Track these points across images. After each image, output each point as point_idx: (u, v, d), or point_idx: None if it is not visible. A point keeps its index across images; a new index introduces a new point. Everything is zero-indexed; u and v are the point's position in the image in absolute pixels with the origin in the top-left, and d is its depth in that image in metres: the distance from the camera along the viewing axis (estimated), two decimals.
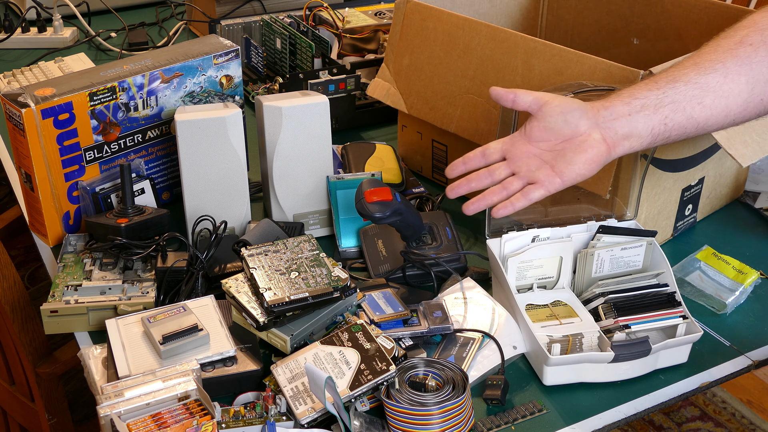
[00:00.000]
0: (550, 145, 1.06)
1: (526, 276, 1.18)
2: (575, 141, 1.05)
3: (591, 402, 1.06)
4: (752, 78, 1.04)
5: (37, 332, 1.51)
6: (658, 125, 1.04)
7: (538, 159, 1.07)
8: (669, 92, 1.04)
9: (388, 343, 1.04)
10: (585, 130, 1.04)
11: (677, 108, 1.03)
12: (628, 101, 1.04)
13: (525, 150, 1.07)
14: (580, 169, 1.05)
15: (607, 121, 1.04)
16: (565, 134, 1.05)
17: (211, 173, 1.29)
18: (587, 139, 1.04)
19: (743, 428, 2.23)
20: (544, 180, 1.06)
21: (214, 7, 2.11)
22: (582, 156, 1.04)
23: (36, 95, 1.26)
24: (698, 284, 1.24)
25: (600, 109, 1.05)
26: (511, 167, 1.08)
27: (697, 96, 1.04)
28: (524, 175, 1.07)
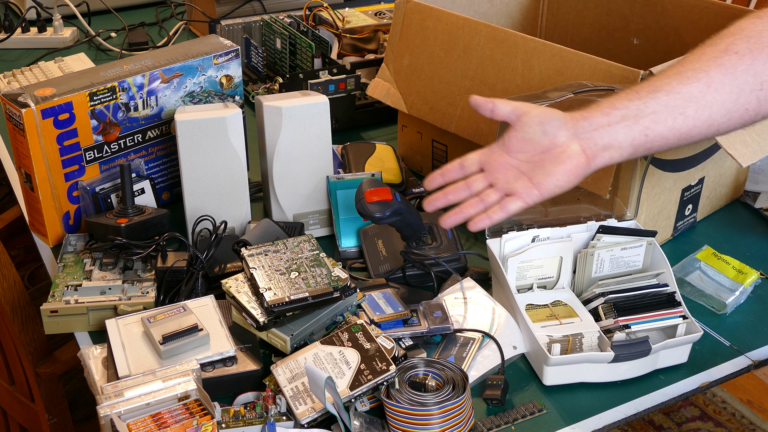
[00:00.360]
0: (528, 156, 1.04)
1: (526, 276, 1.18)
2: (553, 152, 1.03)
3: (591, 402, 1.06)
4: (736, 87, 1.01)
5: (37, 332, 1.51)
6: (638, 136, 1.02)
7: (516, 170, 1.05)
8: (650, 102, 1.01)
9: (388, 343, 1.04)
10: (563, 141, 1.03)
11: (658, 119, 1.01)
12: (608, 112, 1.02)
13: (503, 161, 1.06)
14: (558, 180, 1.03)
15: (586, 131, 1.02)
16: (544, 145, 1.03)
17: (211, 173, 1.29)
18: (566, 150, 1.02)
19: (743, 428, 2.23)
20: (521, 192, 1.05)
21: (214, 7, 2.11)
22: (560, 167, 1.03)
23: (36, 95, 1.26)
24: (698, 284, 1.24)
25: (579, 119, 1.03)
26: (489, 179, 1.07)
27: (679, 106, 1.01)
28: (502, 187, 1.06)
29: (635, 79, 1.15)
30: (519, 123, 1.04)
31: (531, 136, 1.04)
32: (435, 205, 1.09)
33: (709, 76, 1.01)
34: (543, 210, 1.23)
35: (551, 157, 1.03)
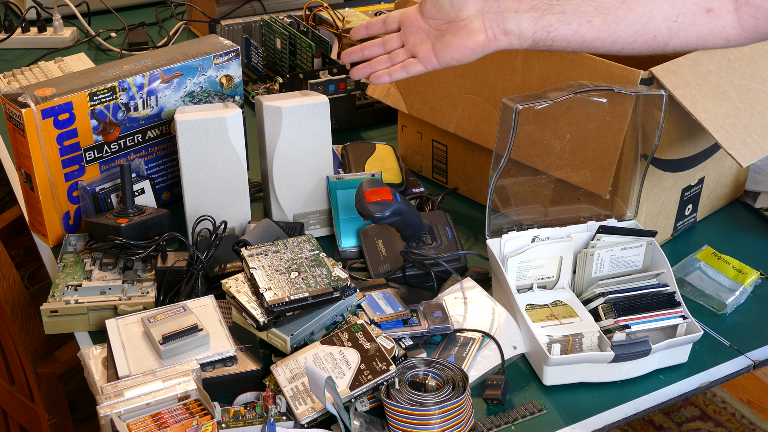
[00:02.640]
0: (437, 24, 1.07)
1: (526, 276, 1.18)
2: (457, 25, 1.05)
3: (591, 402, 1.06)
4: (649, 11, 1.00)
5: (37, 332, 1.51)
6: (541, 30, 1.02)
7: (424, 34, 1.08)
8: (562, 1, 1.02)
9: (388, 343, 1.04)
10: (468, 15, 1.04)
11: (565, 20, 1.02)
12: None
13: (416, 24, 1.09)
14: (455, 53, 1.05)
15: (492, 12, 1.04)
16: (450, 16, 1.05)
17: (211, 173, 1.29)
18: (468, 26, 1.04)
19: (743, 428, 2.23)
20: (422, 57, 1.08)
21: (214, 7, 2.11)
22: (459, 41, 1.05)
23: (36, 95, 1.26)
24: (698, 284, 1.24)
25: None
26: (402, 38, 1.10)
27: (588, 14, 1.01)
28: (409, 48, 1.09)
29: (635, 80, 1.15)
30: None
31: (441, 4, 1.06)
32: (351, 58, 1.13)
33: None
34: (543, 210, 1.23)
35: (454, 29, 1.05)
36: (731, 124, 1.18)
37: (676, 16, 1.00)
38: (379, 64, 1.11)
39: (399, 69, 1.09)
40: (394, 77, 1.09)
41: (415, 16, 1.09)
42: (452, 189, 1.47)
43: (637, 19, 1.01)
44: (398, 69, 1.09)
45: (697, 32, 1.00)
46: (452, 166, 1.47)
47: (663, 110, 1.14)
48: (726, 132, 1.16)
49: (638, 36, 1.02)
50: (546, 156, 1.21)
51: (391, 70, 1.09)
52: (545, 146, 1.21)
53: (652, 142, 1.16)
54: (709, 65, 1.21)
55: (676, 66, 1.18)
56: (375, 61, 1.11)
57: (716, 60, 1.23)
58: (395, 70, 1.09)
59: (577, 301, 1.16)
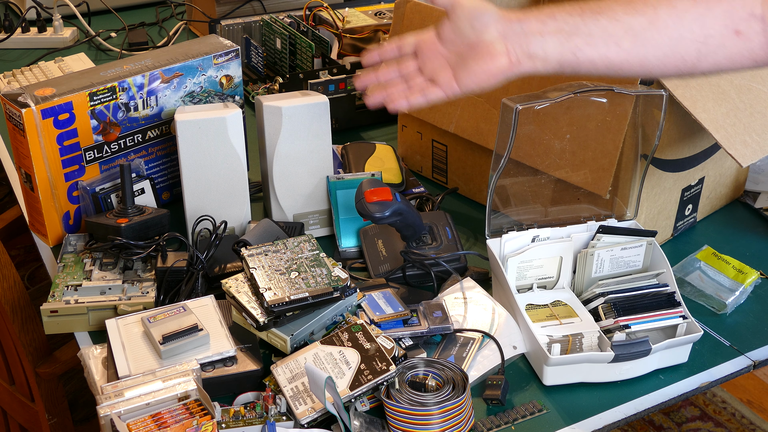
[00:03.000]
0: (456, 49, 1.02)
1: (526, 276, 1.18)
2: (478, 49, 1.00)
3: (591, 402, 1.06)
4: (678, 34, 0.96)
5: (37, 332, 1.51)
6: (567, 54, 0.98)
7: (443, 60, 1.03)
8: (589, 23, 0.97)
9: (388, 343, 1.04)
10: (490, 39, 1.00)
11: (591, 42, 0.97)
12: (544, 20, 0.98)
13: (434, 48, 1.04)
14: (478, 79, 1.01)
15: (516, 34, 0.99)
16: (470, 40, 1.01)
17: (211, 173, 1.29)
18: (490, 50, 1.00)
19: (743, 428, 2.23)
20: (443, 83, 1.03)
21: (214, 7, 2.11)
22: (482, 66, 1.00)
23: (36, 95, 1.26)
24: (698, 284, 1.24)
25: (513, 20, 0.99)
26: (419, 63, 1.06)
27: (616, 36, 0.97)
28: (428, 74, 1.05)
29: (635, 80, 1.15)
30: (453, 13, 1.02)
31: (461, 28, 1.01)
32: (364, 82, 1.09)
33: (656, 14, 0.97)
34: (543, 210, 1.23)
35: (475, 53, 1.01)
36: (731, 124, 1.18)
37: (705, 38, 0.96)
38: (395, 88, 1.06)
39: (418, 94, 1.04)
40: (413, 103, 1.04)
41: (433, 41, 1.05)
42: (452, 189, 1.47)
43: (666, 41, 0.97)
44: (417, 95, 1.04)
45: (726, 54, 0.97)
46: (452, 166, 1.47)
47: (663, 110, 1.14)
48: (726, 132, 1.16)
49: (667, 58, 0.98)
50: (546, 156, 1.21)
51: (408, 96, 1.05)
52: (545, 146, 1.21)
53: (652, 142, 1.16)
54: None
55: None
56: (391, 85, 1.07)
57: None
58: (414, 96, 1.04)
59: (577, 301, 1.16)
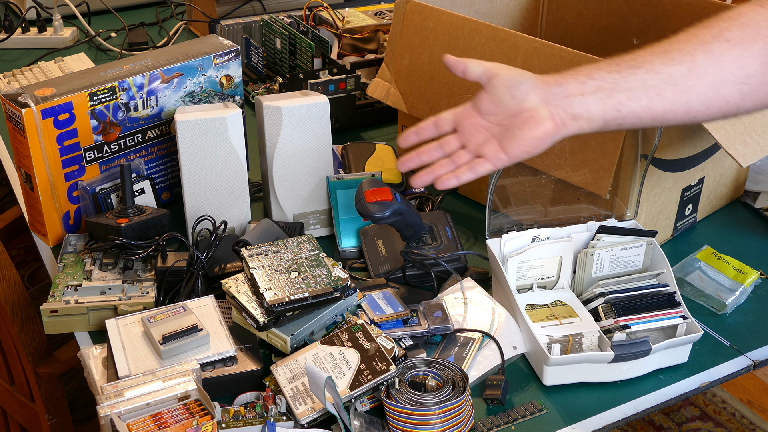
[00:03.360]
0: (498, 119, 1.02)
1: (526, 276, 1.18)
2: (522, 117, 1.00)
3: (591, 402, 1.06)
4: (719, 77, 0.97)
5: (37, 332, 1.51)
6: (610, 110, 0.98)
7: (487, 132, 1.03)
8: (628, 77, 0.98)
9: (388, 343, 1.04)
10: (532, 106, 1.00)
11: (633, 96, 0.98)
12: (583, 80, 0.99)
13: (474, 122, 1.04)
14: (526, 146, 1.01)
15: (557, 98, 0.99)
16: (512, 109, 1.01)
17: (211, 173, 1.29)
18: (534, 116, 1.00)
19: (743, 428, 2.23)
20: (490, 155, 1.03)
21: (214, 7, 2.11)
22: (528, 133, 1.00)
23: (36, 95, 1.26)
24: (698, 284, 1.24)
25: (552, 84, 0.99)
26: (461, 139, 1.05)
27: (657, 87, 0.97)
28: (473, 149, 1.04)
29: None
30: (489, 85, 1.02)
31: (500, 99, 1.01)
32: (408, 165, 1.08)
33: (693, 61, 0.97)
34: (543, 210, 1.23)
35: (519, 122, 1.01)
36: (731, 124, 1.18)
37: (746, 78, 0.97)
38: (441, 168, 1.05)
39: (466, 170, 1.03)
40: (463, 180, 1.03)
41: (471, 114, 1.04)
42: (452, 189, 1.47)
43: (708, 87, 0.97)
44: (466, 171, 1.03)
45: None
46: None
47: None
48: (726, 132, 1.16)
49: (711, 103, 0.98)
50: (546, 156, 1.21)
51: (458, 173, 1.04)
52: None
53: (652, 142, 1.16)
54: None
55: None
56: (437, 166, 1.05)
57: None
58: (463, 172, 1.03)
59: (577, 301, 1.16)
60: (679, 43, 0.99)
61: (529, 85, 1.00)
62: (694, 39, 0.98)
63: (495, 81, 1.02)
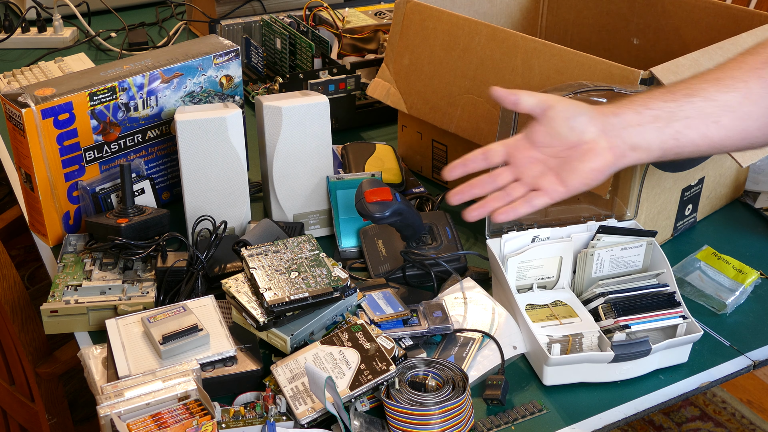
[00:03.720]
0: (555, 151, 1.01)
1: (526, 276, 1.18)
2: (580, 149, 0.99)
3: (591, 402, 1.06)
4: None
5: (37, 332, 1.51)
6: (669, 140, 0.98)
7: (543, 165, 1.02)
8: (685, 106, 0.97)
9: (388, 343, 1.04)
10: (591, 137, 0.99)
11: (691, 124, 0.97)
12: (640, 111, 0.98)
13: (528, 155, 1.02)
14: (584, 178, 1.00)
15: (615, 129, 0.98)
16: (571, 141, 0.99)
17: (211, 173, 1.29)
18: (594, 148, 0.99)
19: (743, 428, 2.23)
20: (547, 188, 1.01)
21: (214, 7, 2.11)
22: (587, 165, 0.99)
23: (36, 95, 1.26)
24: (698, 284, 1.24)
25: (609, 115, 0.99)
26: (515, 172, 1.03)
27: (714, 114, 0.97)
28: (528, 182, 1.02)
29: (635, 80, 1.15)
30: (545, 117, 1.00)
31: (558, 131, 1.00)
32: (461, 198, 1.05)
33: (748, 88, 0.97)
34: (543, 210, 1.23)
35: (578, 153, 0.99)
36: None
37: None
38: (495, 201, 1.03)
39: (523, 204, 1.01)
40: (520, 214, 1.01)
41: (525, 147, 1.02)
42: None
43: (764, 112, 0.97)
44: (522, 204, 1.01)
45: None
46: None
47: None
48: None
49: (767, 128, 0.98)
50: None
51: (515, 207, 1.01)
52: None
53: None
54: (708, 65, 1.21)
55: (676, 66, 1.18)
56: (491, 199, 1.03)
57: (716, 60, 1.23)
58: (519, 206, 1.01)
59: (577, 301, 1.16)
60: (730, 70, 0.99)
61: (587, 116, 0.99)
62: (744, 66, 0.99)
63: (551, 113, 1.00)
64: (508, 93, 1.03)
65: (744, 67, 0.99)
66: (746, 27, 1.33)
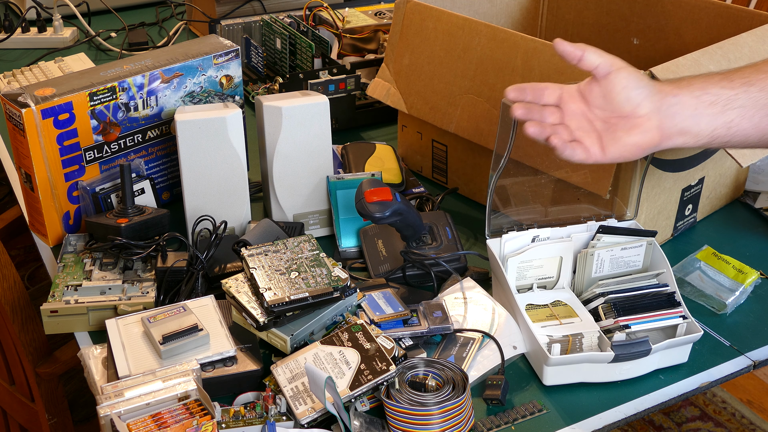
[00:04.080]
0: (605, 115, 1.00)
1: (526, 276, 1.18)
2: (630, 121, 0.98)
3: (591, 402, 1.06)
4: None
5: (37, 332, 1.51)
6: (721, 127, 0.98)
7: (590, 123, 1.01)
8: (741, 95, 0.97)
9: (388, 343, 1.04)
10: (645, 113, 0.98)
11: (746, 114, 0.97)
12: (699, 95, 0.97)
13: (579, 108, 1.02)
14: (626, 151, 0.99)
15: (671, 110, 0.97)
16: (624, 111, 0.99)
17: (211, 173, 1.29)
18: (643, 123, 0.98)
19: (743, 428, 2.23)
20: (588, 147, 1.00)
21: (214, 7, 2.11)
22: (632, 139, 0.98)
23: (36, 95, 1.26)
24: (698, 284, 1.24)
25: (668, 94, 0.98)
26: (563, 117, 1.03)
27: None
28: (572, 131, 1.02)
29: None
30: (605, 80, 1.00)
31: (614, 98, 0.99)
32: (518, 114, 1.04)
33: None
34: (543, 210, 1.23)
35: (627, 125, 0.99)
36: None
37: None
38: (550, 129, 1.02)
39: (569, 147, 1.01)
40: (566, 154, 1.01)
41: (578, 100, 1.02)
42: (452, 189, 1.47)
43: None
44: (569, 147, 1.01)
45: None
46: (452, 166, 1.47)
47: None
48: None
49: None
50: (546, 156, 1.21)
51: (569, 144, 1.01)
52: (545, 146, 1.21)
53: None
54: (709, 65, 1.21)
55: (676, 66, 1.18)
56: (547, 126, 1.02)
57: (716, 60, 1.23)
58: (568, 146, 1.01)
59: (577, 301, 1.16)
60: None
61: (647, 91, 0.99)
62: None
63: (613, 77, 0.99)
64: (573, 47, 1.01)
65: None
66: (746, 27, 1.33)
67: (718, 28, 1.42)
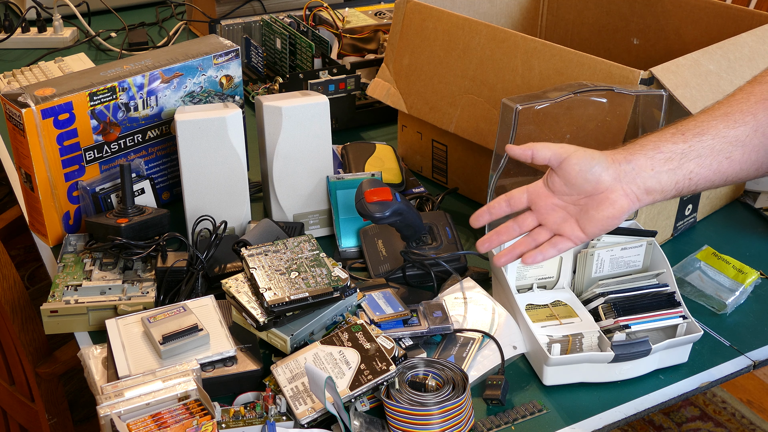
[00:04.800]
0: (573, 200, 1.03)
1: (526, 276, 1.18)
2: (597, 197, 1.01)
3: (591, 402, 1.06)
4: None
5: (37, 332, 1.51)
6: (683, 180, 1.00)
7: (563, 212, 1.04)
8: (695, 146, 0.99)
9: (388, 343, 1.04)
10: (607, 186, 1.01)
11: (703, 163, 0.99)
12: (652, 155, 1.00)
13: (549, 202, 1.04)
14: (603, 224, 1.02)
15: (629, 176, 1.00)
16: (587, 190, 1.02)
17: (211, 173, 1.29)
18: (609, 196, 1.01)
19: (743, 428, 2.23)
20: (569, 234, 1.04)
21: (214, 7, 2.11)
22: (604, 212, 1.01)
23: (36, 95, 1.26)
24: (698, 284, 1.24)
25: (622, 162, 1.01)
26: (538, 218, 1.06)
27: (725, 150, 0.99)
28: (551, 228, 1.05)
29: (635, 80, 1.15)
30: (560, 169, 1.03)
31: (573, 182, 1.02)
32: (489, 246, 1.08)
33: (756, 120, 0.99)
34: None
35: (595, 202, 1.02)
36: None
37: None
38: (522, 246, 1.05)
39: (550, 248, 1.04)
40: (548, 256, 1.04)
41: (546, 194, 1.04)
42: (452, 189, 1.47)
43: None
44: (549, 248, 1.04)
45: None
46: (452, 166, 1.47)
47: (663, 110, 1.14)
48: None
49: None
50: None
51: (542, 250, 1.04)
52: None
53: None
54: (709, 65, 1.22)
55: (676, 66, 1.18)
56: (518, 244, 1.05)
57: (716, 60, 1.23)
58: (546, 249, 1.04)
59: (577, 301, 1.16)
60: (738, 103, 1.01)
61: (601, 166, 1.01)
62: (752, 98, 1.01)
63: (566, 165, 1.02)
64: (522, 149, 1.05)
65: (751, 99, 1.01)
66: (746, 27, 1.33)
67: (718, 28, 1.42)
